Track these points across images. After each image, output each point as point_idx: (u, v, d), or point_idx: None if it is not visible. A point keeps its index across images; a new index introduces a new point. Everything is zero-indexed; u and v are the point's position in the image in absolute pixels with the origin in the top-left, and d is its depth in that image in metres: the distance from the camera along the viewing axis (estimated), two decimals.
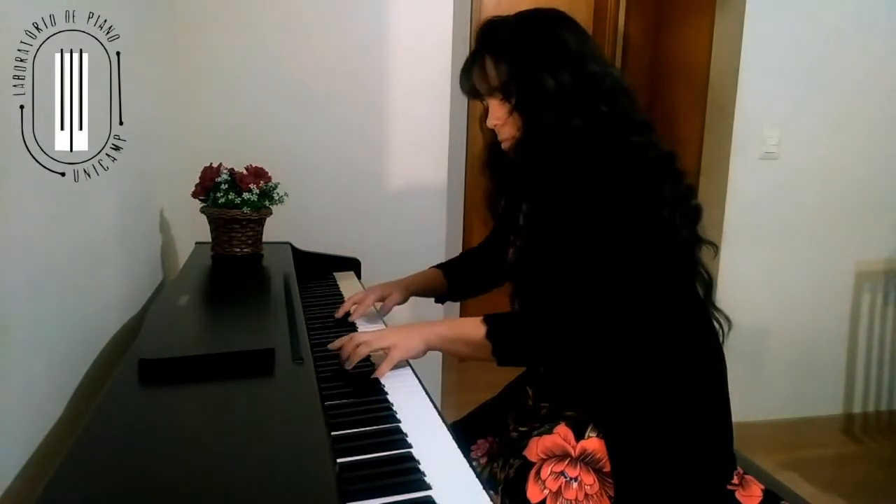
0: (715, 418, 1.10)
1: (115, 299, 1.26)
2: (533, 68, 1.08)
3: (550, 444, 1.04)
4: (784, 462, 2.43)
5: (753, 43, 2.39)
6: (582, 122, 1.06)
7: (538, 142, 1.09)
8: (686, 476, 1.04)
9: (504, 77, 1.11)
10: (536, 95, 1.08)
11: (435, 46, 2.12)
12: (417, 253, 2.15)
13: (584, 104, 1.07)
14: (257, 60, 2.00)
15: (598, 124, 1.06)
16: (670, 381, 1.07)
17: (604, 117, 1.07)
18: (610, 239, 1.02)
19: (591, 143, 1.06)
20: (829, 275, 2.63)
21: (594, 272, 1.03)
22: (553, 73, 1.07)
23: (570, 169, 1.06)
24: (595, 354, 1.07)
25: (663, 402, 1.06)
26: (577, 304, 1.04)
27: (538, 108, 1.08)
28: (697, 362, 1.10)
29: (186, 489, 0.63)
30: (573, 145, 1.06)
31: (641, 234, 1.02)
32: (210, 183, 1.47)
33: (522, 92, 1.10)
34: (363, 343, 1.09)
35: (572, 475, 1.01)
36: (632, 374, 1.06)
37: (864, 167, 2.58)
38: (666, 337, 1.08)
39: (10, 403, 0.80)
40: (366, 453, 0.84)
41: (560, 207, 1.07)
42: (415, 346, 1.10)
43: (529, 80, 1.08)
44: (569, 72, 1.07)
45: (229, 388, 0.85)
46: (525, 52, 1.10)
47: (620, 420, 1.04)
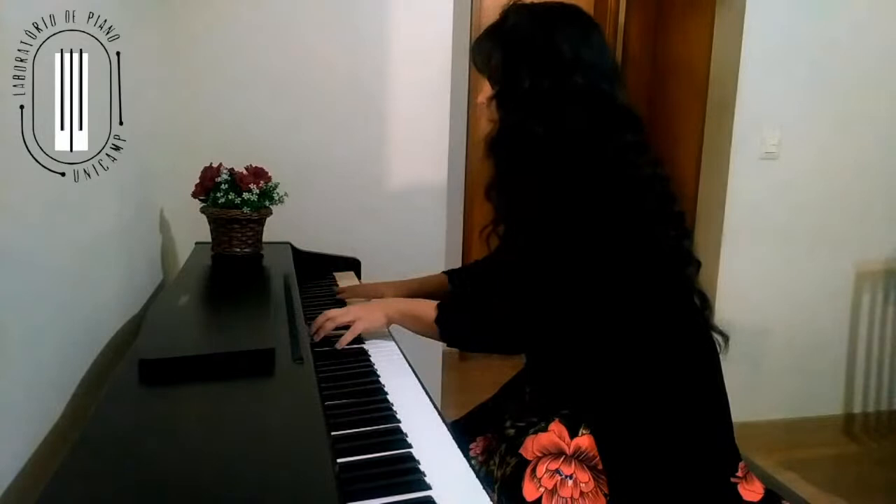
0: (709, 413, 1.10)
1: (115, 299, 1.26)
2: (517, 65, 1.10)
3: (546, 442, 1.05)
4: (784, 462, 2.43)
5: (753, 43, 2.39)
6: (543, 131, 1.07)
7: (503, 139, 1.13)
8: (683, 471, 1.04)
9: (495, 66, 1.14)
10: (510, 92, 1.11)
11: (435, 46, 2.12)
12: (417, 253, 2.16)
13: (551, 113, 1.08)
14: (257, 60, 2.00)
15: (563, 137, 1.07)
16: (659, 380, 1.07)
17: (572, 132, 1.07)
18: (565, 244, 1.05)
19: (551, 153, 1.07)
20: (829, 275, 2.63)
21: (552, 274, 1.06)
22: (533, 75, 1.09)
23: (526, 172, 1.10)
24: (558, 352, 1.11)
25: (651, 399, 1.05)
26: (534, 301, 1.07)
27: (508, 105, 1.12)
28: (689, 360, 1.10)
29: (186, 489, 0.63)
30: (530, 150, 1.08)
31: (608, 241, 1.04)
32: (210, 183, 1.47)
33: (502, 85, 1.13)
34: (329, 318, 1.20)
35: (567, 473, 1.02)
36: (617, 375, 1.06)
37: (864, 167, 2.58)
38: (651, 337, 1.08)
39: (10, 403, 0.80)
40: (366, 453, 0.84)
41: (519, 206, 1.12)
42: (376, 319, 1.21)
43: (510, 76, 1.11)
44: (549, 78, 1.08)
45: (229, 388, 0.85)
46: (516, 47, 1.11)
47: (608, 419, 1.04)
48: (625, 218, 1.05)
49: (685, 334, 1.11)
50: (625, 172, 1.06)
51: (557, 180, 1.06)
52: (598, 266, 1.04)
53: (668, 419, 1.06)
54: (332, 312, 1.21)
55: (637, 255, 1.06)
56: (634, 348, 1.07)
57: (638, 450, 1.03)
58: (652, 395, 1.06)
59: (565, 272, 1.05)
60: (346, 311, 1.22)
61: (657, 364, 1.07)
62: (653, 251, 1.07)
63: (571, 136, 1.07)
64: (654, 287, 1.08)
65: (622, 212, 1.05)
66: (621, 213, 1.05)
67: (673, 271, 1.11)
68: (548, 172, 1.07)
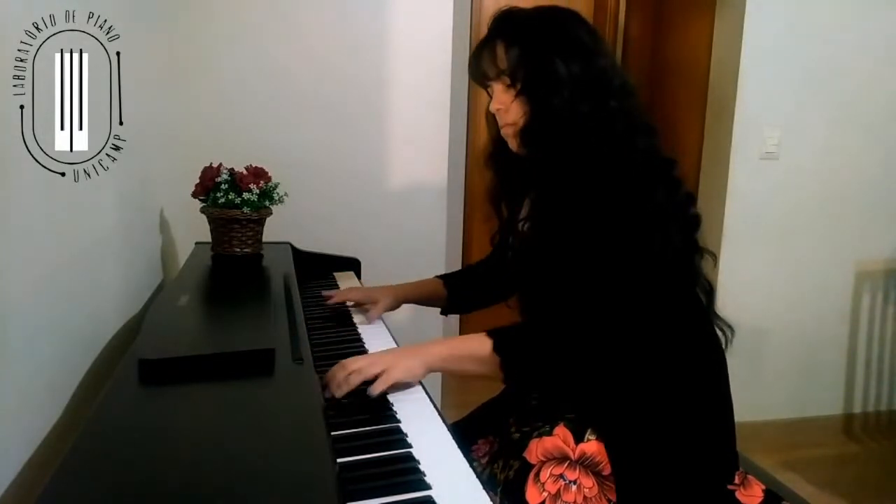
0: (715, 420, 1.10)
1: (115, 299, 1.26)
2: (545, 53, 1.09)
3: (550, 446, 1.04)
4: (784, 462, 2.43)
5: (753, 43, 2.39)
6: (589, 110, 1.06)
7: (544, 126, 1.09)
8: (685, 477, 1.04)
9: (514, 61, 1.11)
10: (546, 79, 1.08)
11: (435, 46, 2.12)
12: (417, 253, 2.16)
13: (593, 94, 1.07)
14: (257, 60, 2.00)
15: (605, 118, 1.06)
16: (670, 384, 1.06)
17: (610, 113, 1.07)
18: (606, 245, 1.02)
19: (596, 134, 1.05)
20: (829, 275, 2.63)
21: (591, 277, 1.03)
22: (564, 61, 1.08)
23: (573, 159, 1.06)
24: (597, 362, 1.06)
25: (663, 405, 1.05)
26: (577, 313, 1.04)
27: (548, 91, 1.08)
28: (697, 365, 1.10)
29: (186, 489, 0.63)
30: (579, 133, 1.06)
31: (636, 241, 1.02)
32: (210, 183, 1.47)
33: (532, 75, 1.10)
34: (355, 371, 0.99)
35: (571, 478, 1.01)
36: (631, 379, 1.06)
37: (864, 167, 2.58)
38: (665, 341, 1.07)
39: (10, 403, 0.80)
40: (366, 453, 0.84)
41: (562, 201, 1.07)
42: (413, 368, 1.03)
43: (540, 63, 1.09)
44: (579, 63, 1.08)
45: (229, 388, 0.85)
46: (537, 38, 1.11)
47: (620, 424, 1.04)
48: (648, 205, 1.03)
49: (692, 334, 1.11)
50: (649, 157, 1.07)
51: (600, 165, 1.04)
52: (620, 263, 1.02)
53: (676, 423, 1.05)
54: (357, 363, 1.00)
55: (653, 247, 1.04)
56: (642, 349, 1.06)
57: (646, 455, 1.02)
58: (660, 399, 1.05)
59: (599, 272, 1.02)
60: (374, 360, 1.02)
61: (665, 367, 1.07)
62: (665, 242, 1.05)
63: (613, 117, 1.07)
64: (664, 281, 1.06)
65: (647, 199, 1.03)
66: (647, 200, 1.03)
67: (684, 263, 1.09)
68: (592, 155, 1.05)
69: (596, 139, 1.05)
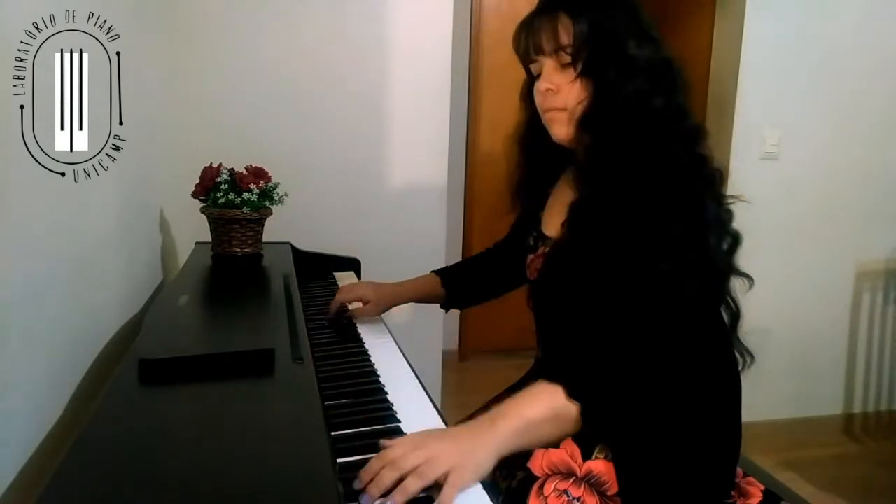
0: (725, 446, 1.06)
1: (115, 299, 1.26)
2: (618, 32, 0.99)
3: (556, 460, 0.99)
4: (784, 462, 2.43)
5: (753, 43, 2.39)
6: (662, 105, 0.97)
7: (613, 115, 0.98)
8: (688, 496, 1.01)
9: (580, 38, 1.00)
10: (619, 61, 0.98)
11: (435, 46, 2.12)
12: (417, 253, 2.16)
13: (664, 87, 0.99)
14: (257, 60, 2.00)
15: (676, 115, 0.99)
16: (687, 406, 1.01)
17: (680, 109, 0.99)
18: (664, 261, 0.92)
19: (667, 132, 0.97)
20: (829, 275, 2.63)
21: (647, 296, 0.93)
22: (638, 43, 0.99)
23: (640, 157, 0.95)
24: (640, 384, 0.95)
25: (678, 427, 1.00)
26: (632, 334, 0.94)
27: (620, 75, 0.98)
28: (715, 390, 1.05)
29: (186, 489, 0.63)
30: (651, 128, 0.97)
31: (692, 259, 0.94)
32: (210, 183, 1.47)
33: (602, 55, 0.99)
34: (414, 473, 0.76)
35: (575, 495, 0.96)
36: (652, 400, 0.98)
37: (864, 167, 2.58)
38: (687, 364, 0.99)
39: (9, 403, 0.80)
40: (366, 453, 0.84)
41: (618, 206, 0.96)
42: (484, 465, 0.83)
43: (614, 44, 0.98)
44: (649, 49, 1.00)
45: (229, 388, 0.85)
46: (609, 14, 1.00)
47: (633, 444, 0.99)
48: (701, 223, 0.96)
49: (713, 358, 1.04)
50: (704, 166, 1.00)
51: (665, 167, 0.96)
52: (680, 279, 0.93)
53: (688, 446, 1.01)
54: (409, 459, 0.77)
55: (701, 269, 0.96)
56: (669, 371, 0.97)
57: (656, 476, 0.98)
58: (675, 421, 1.00)
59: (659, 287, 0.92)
60: (432, 455, 0.79)
61: (685, 389, 1.00)
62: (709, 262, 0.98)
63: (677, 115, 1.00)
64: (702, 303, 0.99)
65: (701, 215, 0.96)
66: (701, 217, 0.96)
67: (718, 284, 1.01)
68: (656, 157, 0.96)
69: (666, 138, 0.97)
